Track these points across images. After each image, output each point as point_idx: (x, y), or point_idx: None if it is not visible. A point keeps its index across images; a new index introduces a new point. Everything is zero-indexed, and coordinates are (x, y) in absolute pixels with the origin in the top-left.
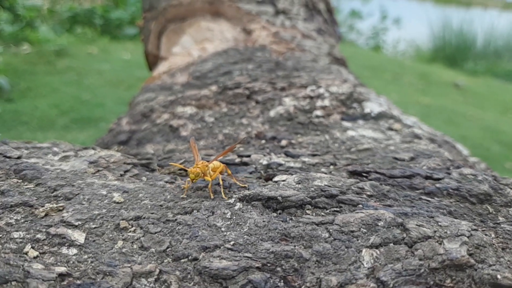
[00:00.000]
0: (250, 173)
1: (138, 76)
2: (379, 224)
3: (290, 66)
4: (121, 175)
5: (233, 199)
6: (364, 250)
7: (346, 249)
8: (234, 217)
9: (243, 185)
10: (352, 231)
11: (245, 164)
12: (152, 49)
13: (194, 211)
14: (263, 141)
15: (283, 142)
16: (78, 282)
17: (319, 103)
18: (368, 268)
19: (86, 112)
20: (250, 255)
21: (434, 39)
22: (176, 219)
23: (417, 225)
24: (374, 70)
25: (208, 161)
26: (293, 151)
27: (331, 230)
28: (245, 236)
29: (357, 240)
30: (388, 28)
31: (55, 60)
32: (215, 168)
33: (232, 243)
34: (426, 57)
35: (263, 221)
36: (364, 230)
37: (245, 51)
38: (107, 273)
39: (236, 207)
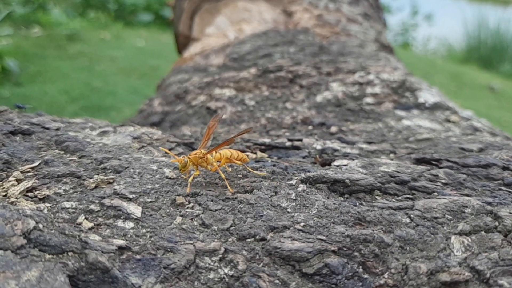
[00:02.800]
0: (303, 157)
1: (151, 65)
2: (466, 211)
3: (335, 50)
4: (166, 152)
5: (294, 181)
6: (453, 237)
7: (432, 236)
8: (299, 199)
9: (262, 174)
10: (436, 218)
11: (297, 148)
12: (183, 29)
13: (255, 190)
14: (310, 127)
15: (333, 129)
16: (138, 256)
17: (369, 90)
18: (460, 256)
19: (97, 100)
20: (323, 237)
21: (468, 38)
22: (236, 197)
23: (510, 213)
24: None
25: (211, 150)
26: (347, 137)
27: (412, 216)
28: (315, 218)
29: (443, 226)
30: (419, 25)
31: (67, 44)
32: (224, 157)
33: (302, 224)
34: (459, 57)
35: (334, 204)
36: (449, 217)
37: (286, 34)
38: (168, 249)
39: (300, 189)
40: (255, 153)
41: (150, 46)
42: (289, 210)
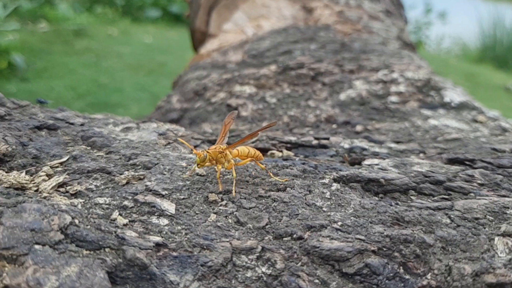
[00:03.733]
0: (331, 156)
1: (159, 61)
2: (508, 212)
3: (357, 48)
4: (192, 149)
5: (327, 179)
6: (496, 238)
7: (474, 237)
8: (334, 198)
9: (284, 180)
10: (477, 218)
11: (324, 146)
12: (200, 25)
13: (288, 188)
14: (334, 126)
15: (358, 128)
16: (174, 254)
17: (393, 88)
18: (505, 258)
19: (104, 96)
20: (362, 237)
21: (483, 37)
22: (269, 196)
23: None
24: None
25: (227, 146)
26: (375, 136)
27: (452, 216)
28: (352, 218)
29: (484, 227)
30: (432, 23)
31: (73, 40)
32: (241, 155)
33: (339, 223)
34: (474, 56)
35: (370, 203)
36: (491, 218)
37: (306, 30)
38: (204, 247)
39: (333, 188)
40: (281, 151)
41: (158, 43)
42: (324, 209)
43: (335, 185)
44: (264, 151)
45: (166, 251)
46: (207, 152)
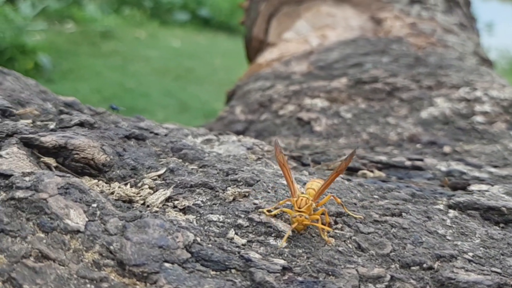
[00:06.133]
0: (428, 179)
1: (187, 67)
2: None
3: (433, 63)
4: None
5: (441, 205)
6: None
7: None
8: (455, 226)
9: (359, 216)
10: None
11: (418, 168)
12: (258, 33)
13: (404, 213)
14: (419, 145)
15: (446, 149)
16: (300, 278)
17: (477, 107)
18: None
19: (130, 101)
20: (498, 270)
21: None
22: (385, 220)
23: None
24: None
25: (318, 193)
26: (470, 159)
27: None
28: (481, 249)
29: None
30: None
31: (100, 42)
32: (323, 201)
33: (470, 254)
34: None
35: (498, 234)
36: None
37: (377, 42)
38: (329, 273)
39: (451, 215)
40: (372, 171)
41: (186, 47)
42: (448, 237)
43: (452, 212)
44: (353, 170)
45: (291, 275)
46: (303, 212)
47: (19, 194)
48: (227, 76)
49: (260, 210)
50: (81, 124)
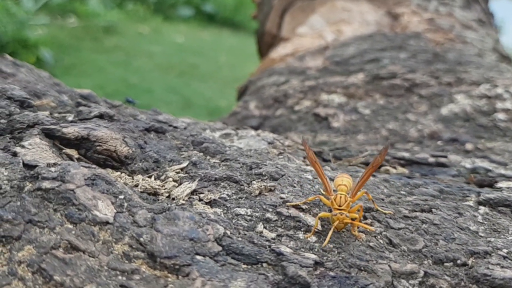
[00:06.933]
0: (453, 176)
1: (191, 63)
2: None
3: (452, 59)
4: (303, 161)
5: (471, 202)
6: None
7: None
8: (486, 222)
9: (388, 212)
10: None
11: (442, 165)
12: (271, 28)
13: (434, 209)
14: (439, 142)
15: (468, 146)
16: (331, 273)
17: (499, 104)
18: None
19: (133, 97)
20: None
21: None
22: (415, 216)
23: None
24: None
25: (355, 189)
26: (495, 157)
27: None
28: None
29: None
30: None
31: (103, 37)
32: (356, 197)
33: (505, 251)
34: None
35: None
36: None
37: (394, 38)
38: (361, 268)
39: (481, 211)
40: (395, 167)
41: (190, 43)
42: (481, 234)
43: (482, 209)
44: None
45: (323, 270)
46: (343, 211)
47: (46, 184)
48: (231, 73)
49: (306, 235)
50: (101, 116)
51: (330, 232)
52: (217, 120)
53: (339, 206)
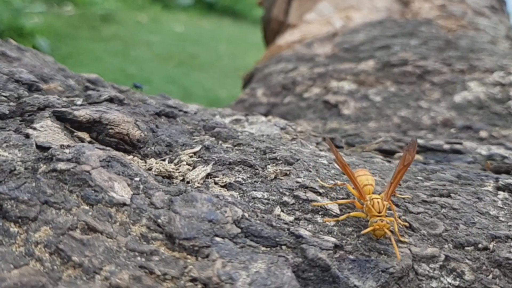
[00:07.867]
0: (468, 163)
1: (190, 52)
2: None
3: (464, 46)
4: (316, 147)
5: (489, 187)
6: None
7: None
8: (506, 207)
9: (406, 196)
10: None
11: (458, 152)
12: (278, 14)
13: (452, 194)
14: (453, 130)
15: (483, 134)
16: (351, 257)
17: None
18: None
19: (131, 87)
20: None
21: None
22: (434, 201)
23: None
24: None
25: (391, 187)
26: (511, 144)
27: None
28: None
29: None
30: None
31: (100, 25)
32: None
33: None
34: None
35: None
36: None
37: (405, 24)
38: (381, 251)
39: (501, 196)
40: None
41: (189, 32)
42: (502, 218)
43: (501, 194)
44: (390, 153)
45: (343, 253)
46: (383, 217)
47: (61, 166)
48: (232, 63)
49: (325, 219)
50: (111, 100)
51: (394, 244)
52: (225, 107)
53: (379, 213)
